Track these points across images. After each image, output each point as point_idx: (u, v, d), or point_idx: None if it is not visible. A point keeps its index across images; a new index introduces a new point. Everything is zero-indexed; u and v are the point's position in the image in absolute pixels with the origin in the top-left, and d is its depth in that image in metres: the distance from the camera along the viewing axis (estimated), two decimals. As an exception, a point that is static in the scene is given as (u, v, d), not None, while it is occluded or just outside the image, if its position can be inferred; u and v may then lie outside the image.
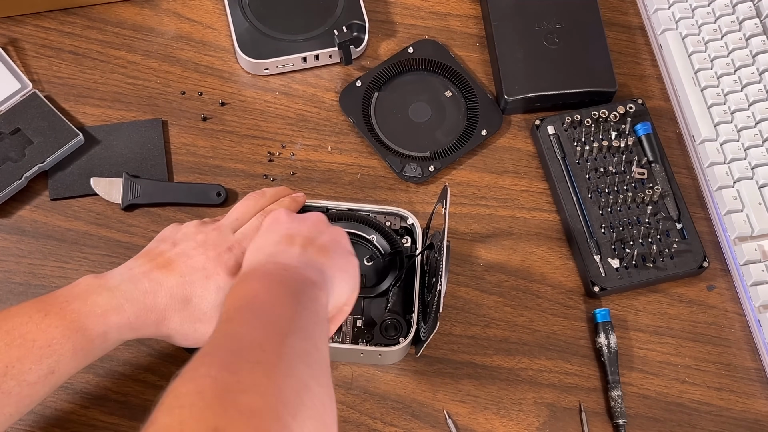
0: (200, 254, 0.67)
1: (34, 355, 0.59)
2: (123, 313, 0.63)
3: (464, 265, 0.84)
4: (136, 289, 0.64)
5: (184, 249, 0.68)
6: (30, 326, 0.60)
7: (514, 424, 0.78)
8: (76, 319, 0.62)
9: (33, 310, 0.61)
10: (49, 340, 0.60)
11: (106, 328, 0.63)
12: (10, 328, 0.60)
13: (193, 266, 0.67)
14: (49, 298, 0.63)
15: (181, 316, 0.66)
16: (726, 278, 0.84)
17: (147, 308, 0.64)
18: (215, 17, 0.93)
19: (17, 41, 0.91)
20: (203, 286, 0.66)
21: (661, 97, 0.92)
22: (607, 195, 0.84)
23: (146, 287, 0.65)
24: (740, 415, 0.79)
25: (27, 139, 0.85)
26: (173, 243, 0.69)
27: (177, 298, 0.65)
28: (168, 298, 0.65)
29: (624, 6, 0.96)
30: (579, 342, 0.81)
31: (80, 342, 0.61)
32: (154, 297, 0.65)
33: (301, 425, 0.46)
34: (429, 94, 0.90)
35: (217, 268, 0.67)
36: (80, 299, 0.63)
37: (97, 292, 0.63)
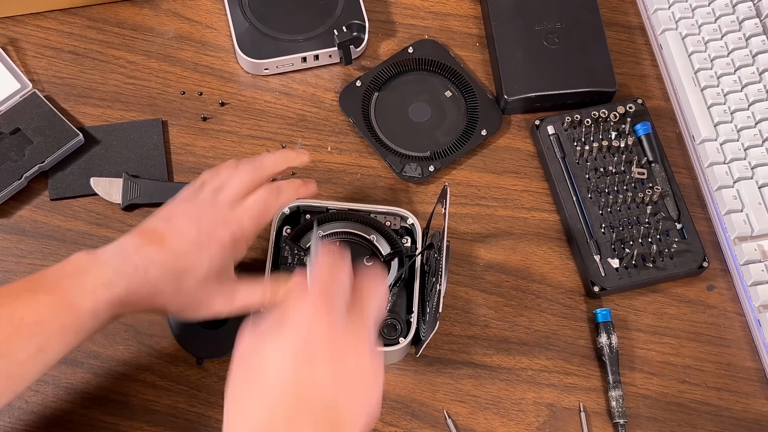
0: (193, 228, 0.67)
1: (23, 333, 0.59)
2: (113, 288, 0.63)
3: (464, 265, 0.84)
4: (127, 264, 0.64)
5: (177, 224, 0.67)
6: (18, 304, 0.60)
7: (514, 424, 0.78)
8: (65, 296, 0.61)
9: (22, 289, 0.61)
10: (37, 318, 0.60)
11: (96, 304, 0.62)
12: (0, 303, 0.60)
13: (185, 240, 0.66)
14: (39, 276, 0.62)
15: (174, 289, 0.65)
16: (726, 278, 0.84)
17: (139, 283, 0.64)
18: (215, 17, 0.93)
19: (17, 41, 0.91)
20: (195, 258, 0.66)
21: (661, 97, 0.92)
22: (607, 195, 0.84)
23: (137, 262, 0.64)
24: (740, 415, 0.79)
25: (27, 139, 0.85)
26: (167, 219, 0.68)
27: (169, 272, 0.65)
28: (160, 271, 0.64)
29: (624, 6, 0.96)
30: (579, 342, 0.81)
31: (69, 319, 0.61)
32: (146, 272, 0.64)
33: None
34: (429, 94, 0.90)
35: (210, 241, 0.66)
36: (70, 276, 0.62)
37: (87, 268, 0.63)
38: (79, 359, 0.78)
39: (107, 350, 0.79)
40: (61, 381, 0.78)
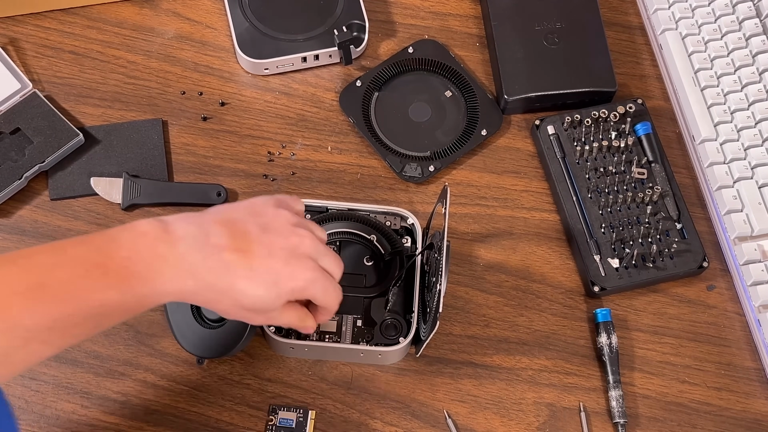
0: (282, 258, 0.62)
1: (84, 313, 0.55)
2: (184, 287, 0.59)
3: (464, 265, 0.84)
4: (204, 266, 0.59)
5: (272, 243, 0.62)
6: (87, 282, 0.55)
7: (514, 424, 0.78)
8: (136, 285, 0.57)
9: (91, 264, 0.56)
10: (102, 302, 0.56)
11: (161, 292, 0.58)
12: (65, 278, 0.55)
13: (268, 266, 0.61)
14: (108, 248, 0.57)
15: (233, 304, 0.62)
16: (726, 278, 0.84)
17: (205, 287, 0.60)
18: (215, 17, 0.93)
19: (17, 41, 0.91)
20: (267, 290, 0.61)
21: (661, 97, 0.92)
22: (607, 195, 0.84)
23: (213, 266, 0.59)
24: (740, 415, 0.79)
25: (27, 138, 0.85)
26: (263, 229, 0.62)
27: (236, 289, 0.60)
28: (228, 284, 0.60)
29: (624, 6, 0.96)
30: (579, 342, 0.81)
31: (133, 306, 0.58)
32: (217, 279, 0.60)
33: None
34: (429, 94, 0.90)
35: (290, 281, 0.62)
36: (143, 261, 0.57)
37: (163, 256, 0.58)
38: (79, 359, 0.78)
39: (107, 350, 0.79)
40: (61, 381, 0.78)
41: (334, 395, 0.78)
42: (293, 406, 0.77)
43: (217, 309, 0.63)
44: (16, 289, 0.54)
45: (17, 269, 0.55)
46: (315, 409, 0.77)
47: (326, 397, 0.78)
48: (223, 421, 0.77)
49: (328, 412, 0.78)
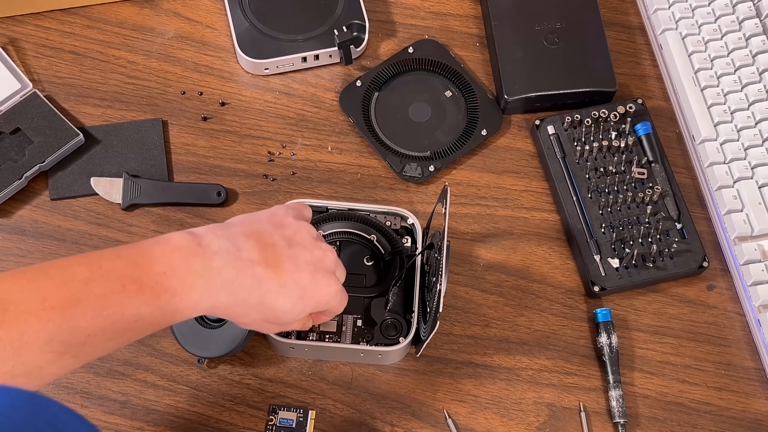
0: (309, 272, 0.63)
1: (119, 328, 0.55)
2: (216, 302, 0.59)
3: (464, 265, 0.84)
4: (237, 281, 0.60)
5: (297, 257, 0.63)
6: (122, 297, 0.55)
7: (514, 424, 0.78)
8: (170, 301, 0.57)
9: (127, 279, 0.56)
10: (137, 317, 0.56)
11: (194, 312, 0.59)
12: (101, 293, 0.55)
13: (296, 281, 0.62)
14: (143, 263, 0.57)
15: (259, 317, 0.63)
16: (726, 278, 0.84)
17: (237, 302, 0.60)
18: (215, 17, 0.93)
19: (17, 41, 0.91)
20: (293, 304, 0.63)
21: (661, 97, 0.92)
22: (607, 195, 0.84)
23: (246, 282, 0.60)
24: (740, 415, 0.79)
25: (27, 138, 0.85)
26: (289, 242, 0.64)
27: (266, 304, 0.61)
28: (259, 299, 0.61)
29: (624, 6, 0.96)
30: (579, 342, 0.81)
31: (165, 321, 0.58)
32: (249, 294, 0.60)
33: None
34: (429, 94, 0.90)
35: (315, 295, 0.64)
36: (177, 276, 0.57)
37: (197, 272, 0.58)
38: (80, 359, 0.78)
39: (107, 350, 0.79)
40: (61, 381, 0.78)
41: (334, 395, 0.78)
42: (293, 406, 0.77)
43: (242, 322, 0.64)
44: (53, 303, 0.53)
45: (51, 283, 0.54)
46: (315, 409, 0.77)
47: (326, 397, 0.78)
48: (223, 421, 0.77)
49: (328, 412, 0.78)
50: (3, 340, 0.51)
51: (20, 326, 0.52)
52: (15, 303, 0.52)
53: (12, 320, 0.52)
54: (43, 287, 0.54)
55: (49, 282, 0.54)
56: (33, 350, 0.52)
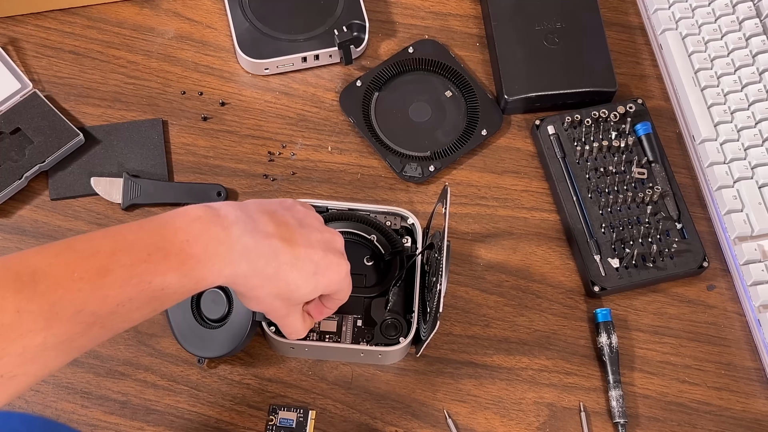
0: (321, 250, 0.65)
1: (146, 297, 0.56)
2: (238, 269, 0.60)
3: (464, 265, 0.84)
4: (256, 250, 0.61)
5: (309, 236, 0.64)
6: (149, 266, 0.56)
7: (514, 424, 0.78)
8: (195, 268, 0.58)
9: (152, 248, 0.57)
10: (163, 285, 0.56)
11: (215, 275, 0.59)
12: (129, 262, 0.55)
13: (310, 256, 0.64)
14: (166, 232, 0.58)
15: (272, 291, 0.63)
16: (726, 278, 0.84)
17: (255, 271, 0.61)
18: (215, 17, 0.93)
19: (17, 41, 0.91)
20: (306, 279, 0.64)
21: (661, 97, 0.92)
22: (607, 195, 0.84)
23: (264, 251, 0.61)
24: (740, 415, 0.79)
25: (27, 138, 0.85)
26: (300, 222, 0.65)
27: (280, 276, 0.62)
28: (275, 270, 0.62)
29: (624, 6, 0.96)
30: (579, 342, 0.81)
31: (189, 289, 0.58)
32: (266, 264, 0.61)
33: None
34: (429, 94, 0.90)
35: (327, 273, 0.65)
36: (200, 244, 0.58)
37: (219, 239, 0.59)
38: (79, 359, 0.78)
39: (107, 350, 0.79)
40: (61, 381, 0.78)
41: (335, 395, 0.78)
42: (293, 406, 0.77)
43: (256, 296, 0.63)
44: (81, 274, 0.53)
45: (78, 255, 0.55)
46: (315, 409, 0.77)
47: (326, 397, 0.78)
48: (223, 421, 0.77)
49: (328, 412, 0.78)
50: (35, 312, 0.51)
51: (51, 297, 0.52)
52: (44, 275, 0.52)
53: (43, 292, 0.52)
54: (70, 260, 0.54)
55: (76, 255, 0.55)
56: (64, 321, 0.52)
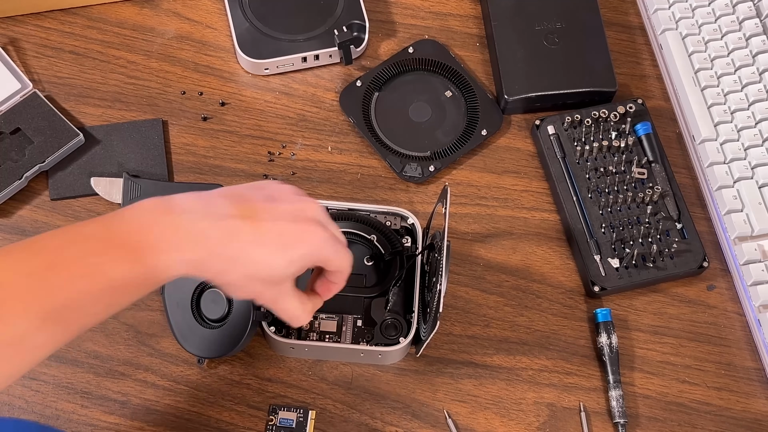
0: (288, 221, 0.61)
1: (98, 289, 0.55)
2: (193, 255, 0.58)
3: (464, 265, 0.84)
4: (212, 233, 0.58)
5: (276, 208, 0.61)
6: (97, 258, 0.55)
7: (514, 424, 0.78)
8: (146, 256, 0.56)
9: (101, 239, 0.56)
10: (115, 274, 0.55)
11: (171, 263, 0.57)
12: (76, 255, 0.55)
13: (276, 230, 0.60)
14: (112, 224, 0.57)
15: (243, 273, 0.60)
16: (726, 278, 0.84)
17: (214, 254, 0.59)
18: (215, 17, 0.93)
19: (17, 41, 0.91)
20: (275, 253, 0.60)
21: (661, 97, 0.92)
22: (607, 195, 0.84)
23: (220, 233, 0.59)
24: (740, 415, 0.79)
25: (27, 138, 0.85)
26: (269, 196, 0.62)
27: (246, 255, 0.59)
28: (238, 251, 0.59)
29: (624, 6, 0.96)
30: (579, 342, 0.81)
31: (146, 279, 0.57)
32: (225, 246, 0.59)
33: None
34: (429, 94, 0.90)
35: (299, 243, 0.61)
36: (149, 232, 0.57)
37: (169, 225, 0.58)
38: (79, 359, 0.78)
39: (107, 350, 0.79)
40: (61, 381, 0.78)
41: (335, 395, 0.78)
42: (293, 406, 0.77)
43: (228, 282, 0.61)
44: (28, 270, 0.54)
45: (26, 253, 0.55)
46: (315, 409, 0.77)
47: (326, 397, 0.78)
48: (223, 421, 0.77)
49: (328, 412, 0.78)
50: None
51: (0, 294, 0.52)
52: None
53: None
54: (16, 258, 0.54)
55: (21, 253, 0.55)
56: (15, 317, 0.52)
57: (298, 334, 0.77)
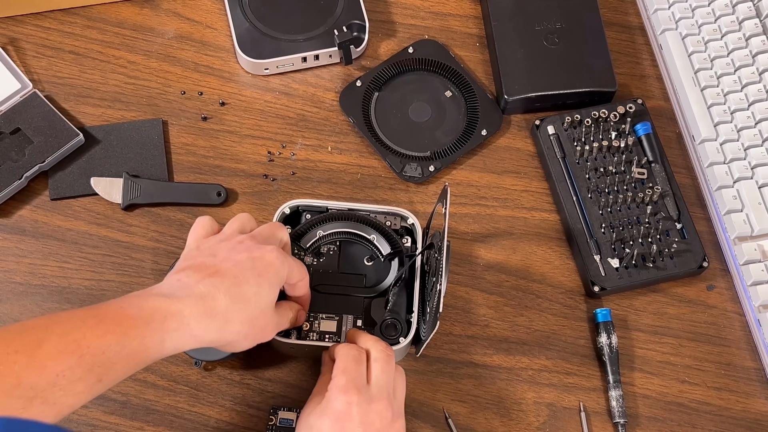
0: (245, 255, 0.65)
1: (87, 364, 0.55)
2: (183, 319, 0.60)
3: (464, 265, 0.84)
4: (194, 295, 0.61)
5: (228, 255, 0.65)
6: (84, 331, 0.56)
7: (514, 424, 0.78)
8: (134, 326, 0.58)
9: (86, 315, 0.57)
10: (103, 347, 0.56)
11: (163, 335, 0.59)
12: (63, 331, 0.56)
13: (242, 267, 0.64)
14: (99, 306, 0.59)
15: (242, 317, 0.64)
16: (726, 278, 0.84)
17: (207, 313, 0.61)
18: (215, 17, 0.93)
19: (17, 41, 0.91)
20: (257, 283, 0.64)
21: (661, 97, 0.92)
22: (607, 195, 0.84)
23: (203, 291, 0.62)
24: (740, 415, 0.79)
25: (27, 138, 0.85)
26: (212, 254, 0.66)
27: (236, 299, 0.63)
28: (227, 299, 0.62)
29: (624, 6, 0.96)
30: (579, 342, 0.81)
31: (135, 350, 0.58)
32: (213, 300, 0.62)
33: None
34: (429, 94, 0.90)
35: (267, 267, 0.66)
36: (136, 306, 0.59)
37: (152, 300, 0.60)
38: (80, 359, 0.78)
39: (107, 350, 0.79)
40: (62, 381, 0.78)
41: (334, 395, 0.78)
42: (293, 406, 0.77)
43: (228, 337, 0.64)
44: (16, 347, 0.54)
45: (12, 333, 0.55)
46: (315, 409, 0.77)
47: (326, 397, 0.78)
48: (223, 421, 0.77)
49: (328, 412, 0.78)
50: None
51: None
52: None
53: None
54: (4, 337, 0.55)
55: (12, 333, 0.55)
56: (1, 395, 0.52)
57: (298, 334, 0.77)
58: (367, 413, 0.65)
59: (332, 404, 0.65)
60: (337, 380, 0.66)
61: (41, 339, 0.55)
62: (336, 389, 0.65)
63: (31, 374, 0.53)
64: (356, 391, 0.65)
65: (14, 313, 0.80)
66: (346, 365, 0.67)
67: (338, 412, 0.64)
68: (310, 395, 0.69)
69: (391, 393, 0.67)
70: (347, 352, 0.68)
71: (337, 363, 0.67)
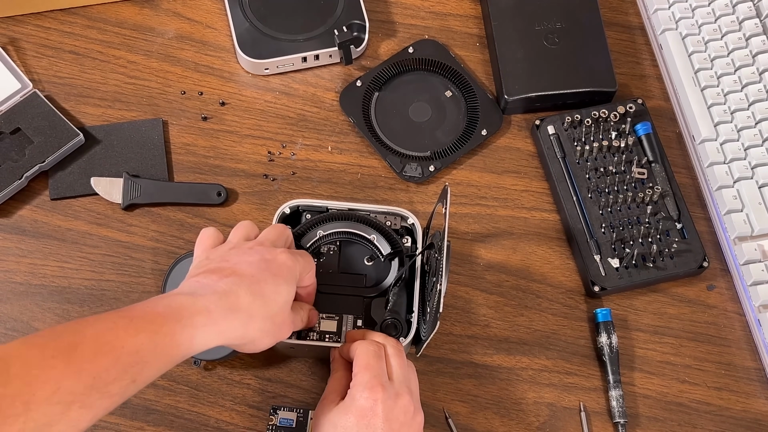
0: (258, 257, 0.66)
1: (122, 364, 0.55)
2: (209, 315, 0.60)
3: (464, 265, 0.84)
4: (216, 292, 0.62)
5: (241, 258, 0.66)
6: (117, 332, 0.56)
7: (514, 424, 0.78)
8: (165, 323, 0.58)
9: (115, 317, 0.57)
10: (137, 346, 0.56)
11: (193, 331, 0.59)
12: (95, 333, 0.55)
13: (258, 267, 0.65)
14: (126, 309, 0.59)
15: (263, 313, 0.64)
16: (726, 278, 0.84)
17: (232, 309, 0.62)
18: (215, 17, 0.93)
19: (17, 41, 0.91)
20: (275, 282, 0.65)
21: (661, 97, 0.92)
22: (607, 195, 0.84)
23: (225, 288, 0.62)
24: (740, 415, 0.79)
25: (27, 138, 0.85)
26: (223, 259, 0.66)
27: (256, 295, 0.64)
28: (249, 295, 0.63)
29: (624, 6, 0.96)
30: (579, 342, 0.82)
31: (167, 347, 0.58)
32: (236, 297, 0.62)
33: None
34: (429, 94, 0.90)
35: (281, 267, 0.66)
36: (163, 305, 0.59)
37: (178, 298, 0.61)
38: (80, 359, 0.78)
39: (107, 350, 0.79)
40: (62, 381, 0.78)
41: (334, 395, 0.78)
42: (293, 406, 0.77)
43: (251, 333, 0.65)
44: (53, 352, 0.53)
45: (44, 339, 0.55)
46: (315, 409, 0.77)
47: (326, 397, 0.78)
48: (223, 421, 0.77)
49: (328, 412, 0.78)
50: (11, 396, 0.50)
51: (26, 378, 0.51)
52: (16, 358, 0.52)
53: (17, 374, 0.51)
54: (37, 343, 0.54)
55: (42, 339, 0.55)
56: (41, 403, 0.51)
57: (298, 334, 0.77)
58: (392, 409, 0.65)
59: (357, 401, 0.65)
60: (361, 377, 0.66)
61: (75, 342, 0.54)
62: (360, 386, 0.66)
63: (69, 378, 0.53)
64: (381, 388, 0.66)
65: (14, 313, 0.80)
66: (368, 362, 0.67)
67: (363, 409, 0.65)
68: (322, 395, 0.69)
69: (410, 387, 0.68)
70: (367, 348, 0.68)
71: (358, 360, 0.67)
